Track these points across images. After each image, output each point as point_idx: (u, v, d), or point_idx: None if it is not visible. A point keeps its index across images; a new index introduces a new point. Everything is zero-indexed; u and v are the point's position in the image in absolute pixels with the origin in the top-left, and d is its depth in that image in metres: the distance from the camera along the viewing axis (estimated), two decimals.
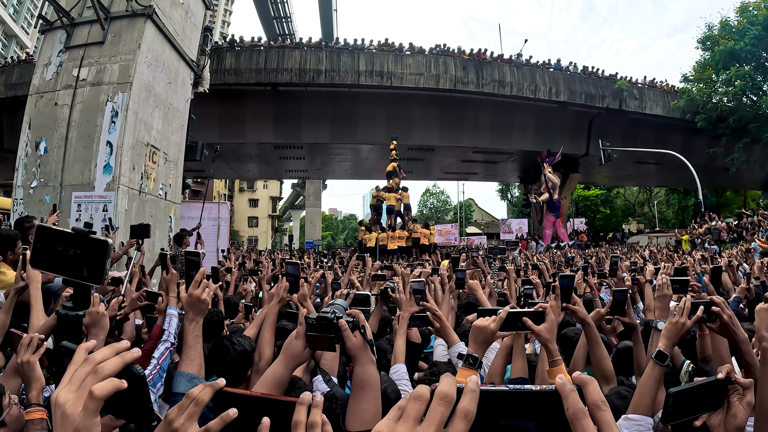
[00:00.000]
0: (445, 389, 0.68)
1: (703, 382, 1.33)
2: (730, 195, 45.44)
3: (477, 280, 4.31)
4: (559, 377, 0.72)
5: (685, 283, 3.08)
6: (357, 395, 1.45)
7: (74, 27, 9.35)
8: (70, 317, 1.30)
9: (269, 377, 1.52)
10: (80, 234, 1.20)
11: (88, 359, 0.82)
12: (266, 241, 60.18)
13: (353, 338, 1.47)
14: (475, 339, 1.95)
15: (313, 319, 1.50)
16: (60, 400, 0.78)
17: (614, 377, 2.49)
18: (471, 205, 69.59)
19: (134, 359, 0.84)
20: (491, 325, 1.94)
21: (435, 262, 10.39)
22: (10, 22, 52.27)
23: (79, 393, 0.79)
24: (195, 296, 1.95)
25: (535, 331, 2.01)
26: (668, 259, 10.73)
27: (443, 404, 0.67)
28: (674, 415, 1.31)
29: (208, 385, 0.93)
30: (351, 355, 1.49)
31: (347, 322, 1.47)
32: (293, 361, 1.55)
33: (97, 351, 0.84)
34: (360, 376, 1.46)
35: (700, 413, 1.35)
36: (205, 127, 19.75)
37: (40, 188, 8.69)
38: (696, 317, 1.96)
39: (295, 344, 1.54)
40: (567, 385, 0.70)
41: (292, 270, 2.88)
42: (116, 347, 0.85)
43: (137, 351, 0.86)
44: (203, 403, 0.92)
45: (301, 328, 1.54)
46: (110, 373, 0.80)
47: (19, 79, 21.78)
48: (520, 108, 26.03)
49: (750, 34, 26.10)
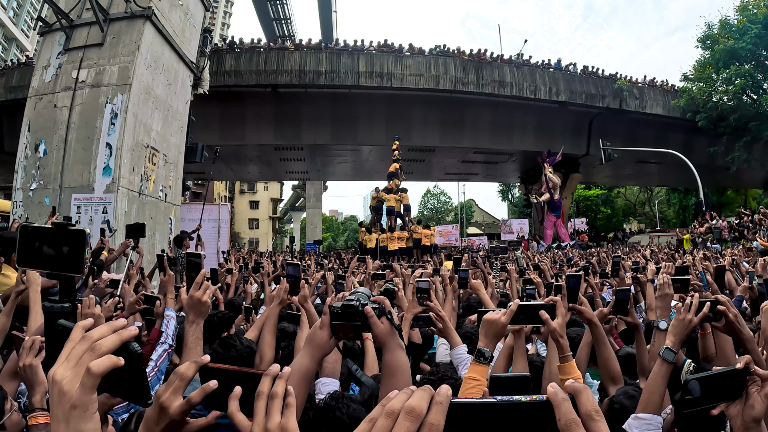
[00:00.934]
0: (413, 403, 0.65)
1: (722, 371, 1.32)
2: (731, 194, 45.37)
3: (479, 280, 4.29)
4: (551, 386, 0.68)
5: (687, 282, 3.07)
6: (388, 382, 1.43)
7: (73, 29, 9.35)
8: (56, 309, 1.31)
9: (296, 370, 1.45)
10: (59, 226, 1.24)
11: (86, 336, 0.83)
12: (267, 242, 60.19)
13: (380, 324, 1.44)
14: (486, 333, 1.94)
15: (338, 307, 1.47)
16: (57, 377, 0.78)
17: (621, 378, 2.47)
18: (472, 206, 69.58)
19: (131, 336, 0.85)
20: (502, 318, 1.93)
21: (436, 263, 10.38)
22: (10, 25, 52.38)
23: (77, 370, 0.79)
24: (196, 298, 1.94)
25: (550, 326, 1.98)
26: (669, 259, 10.71)
27: (409, 419, 0.64)
28: (692, 403, 1.29)
29: (192, 362, 0.97)
30: (379, 342, 1.47)
31: (373, 308, 1.44)
32: (319, 351, 1.50)
33: (95, 329, 0.84)
34: (390, 363, 1.45)
35: (717, 402, 1.33)
36: (205, 128, 19.73)
37: (40, 190, 8.68)
38: (702, 314, 1.94)
39: (320, 334, 1.48)
40: (559, 394, 0.66)
41: (292, 271, 2.86)
42: (113, 325, 0.85)
43: (134, 328, 0.86)
44: (188, 378, 0.96)
45: (325, 317, 1.49)
46: (108, 351, 0.81)
47: (19, 82, 21.76)
48: (521, 108, 25.99)
49: (750, 32, 26.07)
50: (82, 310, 2.44)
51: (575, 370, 2.04)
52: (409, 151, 26.85)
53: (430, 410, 0.64)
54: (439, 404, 0.65)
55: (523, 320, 2.02)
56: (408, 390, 0.69)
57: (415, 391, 0.68)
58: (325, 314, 1.51)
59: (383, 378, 1.46)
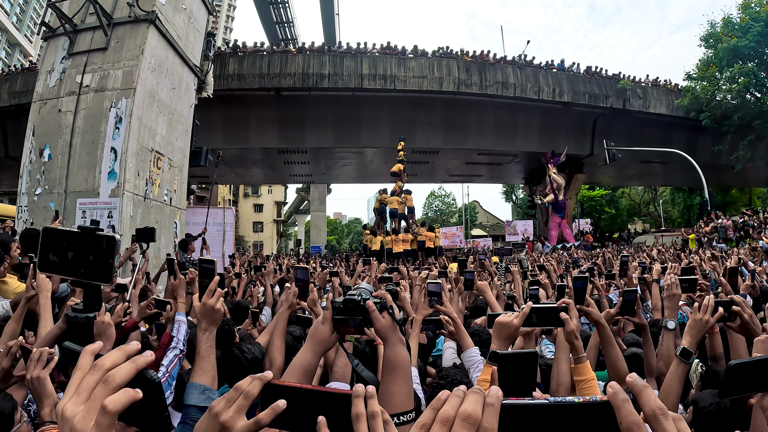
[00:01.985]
0: (468, 408, 0.63)
1: (763, 357, 1.31)
2: (736, 193, 45.24)
3: (485, 282, 4.28)
4: (610, 386, 0.65)
5: (694, 282, 3.07)
6: (388, 378, 1.42)
7: (77, 33, 9.38)
8: (80, 320, 1.26)
9: (297, 365, 1.47)
10: (86, 231, 1.16)
11: (96, 365, 0.74)
12: (271, 245, 60.26)
13: (381, 319, 1.44)
14: (499, 335, 1.96)
15: (340, 302, 1.47)
16: (68, 414, 0.70)
17: None
18: (476, 207, 69.59)
19: (147, 364, 0.77)
20: (515, 320, 1.95)
21: (441, 266, 10.36)
22: (14, 30, 52.65)
23: (89, 405, 0.70)
24: (209, 306, 1.91)
25: (569, 327, 1.99)
26: (675, 259, 10.68)
27: (466, 426, 0.62)
28: (731, 390, 1.29)
29: (256, 378, 0.90)
30: (380, 336, 1.47)
31: (374, 303, 1.44)
32: (320, 346, 1.50)
33: (106, 355, 0.76)
34: (391, 358, 1.44)
35: (756, 391, 1.33)
36: (209, 132, 19.78)
37: (45, 195, 8.70)
38: (719, 314, 1.94)
39: (321, 329, 1.49)
40: (619, 395, 0.64)
41: (301, 275, 2.84)
42: (126, 350, 0.78)
43: (150, 354, 0.79)
44: (252, 396, 0.89)
45: (327, 312, 1.50)
46: (123, 382, 0.73)
47: (23, 87, 21.88)
48: (524, 109, 25.97)
49: (753, 30, 26.01)
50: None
51: (590, 371, 2.04)
52: (413, 153, 26.84)
53: (483, 413, 0.63)
54: (491, 406, 0.64)
55: (535, 322, 2.02)
56: (459, 392, 0.67)
57: (467, 394, 0.66)
58: (327, 309, 1.51)
59: (383, 373, 1.45)
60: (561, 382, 2.18)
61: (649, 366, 2.74)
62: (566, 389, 2.14)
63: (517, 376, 0.97)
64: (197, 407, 1.72)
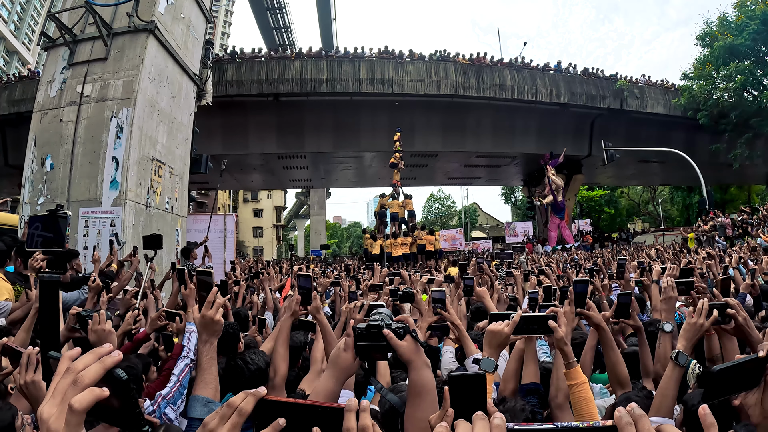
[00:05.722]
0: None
1: (743, 360, 1.35)
2: (734, 191, 45.24)
3: (485, 287, 4.32)
4: (618, 410, 0.69)
5: (690, 284, 3.10)
6: (414, 402, 1.41)
7: (77, 43, 9.43)
8: (45, 278, 1.58)
9: (320, 393, 1.47)
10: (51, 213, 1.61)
11: (70, 368, 0.78)
12: (271, 250, 60.26)
13: (404, 344, 1.42)
14: (490, 343, 2.01)
15: (363, 328, 1.46)
16: (44, 416, 0.74)
17: (629, 382, 2.49)
18: (476, 210, 69.57)
19: (115, 363, 0.80)
20: (505, 329, 2.00)
21: (442, 269, 10.37)
22: (11, 38, 52.67)
23: (62, 406, 0.74)
24: (208, 317, 1.91)
25: (557, 334, 2.05)
26: (675, 259, 10.71)
27: None
28: (714, 394, 1.31)
29: (250, 394, 0.90)
30: (404, 360, 1.44)
31: (398, 328, 1.44)
32: (343, 374, 1.49)
33: (79, 359, 0.79)
34: (416, 381, 1.42)
35: (738, 392, 1.36)
36: (208, 139, 19.80)
37: (47, 204, 8.72)
38: (713, 318, 1.99)
39: (344, 356, 1.48)
40: (624, 418, 0.67)
41: (304, 282, 2.86)
42: (97, 352, 0.80)
43: (118, 354, 0.81)
44: (246, 413, 0.89)
45: (349, 339, 1.48)
46: (90, 382, 0.76)
47: (22, 95, 21.93)
48: (522, 111, 26.03)
49: (749, 29, 26.01)
50: (92, 326, 2.43)
51: (581, 375, 2.09)
52: (411, 157, 26.86)
53: None
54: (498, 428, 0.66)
55: (526, 330, 2.08)
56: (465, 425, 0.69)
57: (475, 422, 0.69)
58: (348, 336, 1.50)
59: (409, 398, 1.44)
60: (560, 387, 2.22)
61: (645, 367, 2.78)
62: (565, 394, 2.18)
63: (467, 398, 1.00)
64: (200, 420, 1.74)
